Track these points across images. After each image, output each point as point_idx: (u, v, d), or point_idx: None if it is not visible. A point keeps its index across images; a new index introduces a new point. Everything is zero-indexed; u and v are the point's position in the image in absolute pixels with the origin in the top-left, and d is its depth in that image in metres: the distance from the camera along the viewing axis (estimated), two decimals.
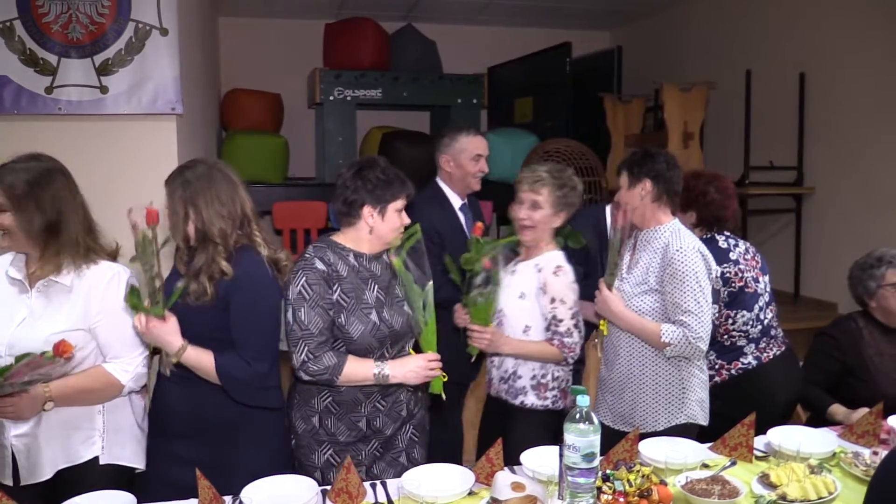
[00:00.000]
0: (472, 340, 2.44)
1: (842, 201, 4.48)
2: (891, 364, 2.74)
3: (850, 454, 2.26)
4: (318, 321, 2.15)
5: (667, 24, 6.29)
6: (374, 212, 2.21)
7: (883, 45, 4.13)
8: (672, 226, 2.50)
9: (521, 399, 2.56)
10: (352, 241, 2.26)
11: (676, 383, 2.48)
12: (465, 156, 3.09)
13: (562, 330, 2.49)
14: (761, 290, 2.83)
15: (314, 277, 2.16)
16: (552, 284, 2.48)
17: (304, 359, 2.15)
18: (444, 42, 6.46)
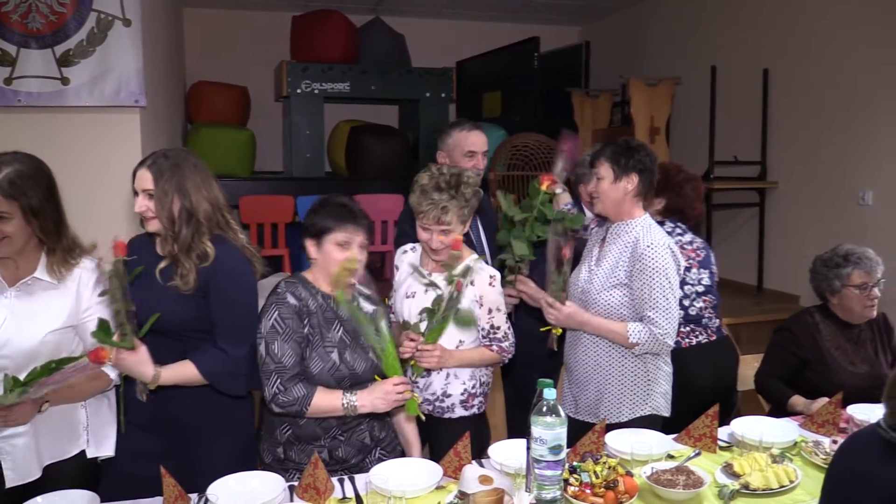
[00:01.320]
0: (420, 360, 2.33)
1: (804, 196, 4.56)
2: (848, 357, 2.79)
3: (810, 443, 2.31)
4: (290, 354, 2.16)
5: (634, 19, 6.34)
6: (313, 243, 2.22)
7: (844, 42, 4.21)
8: (643, 221, 2.51)
9: (449, 415, 2.50)
10: (314, 279, 2.27)
11: (642, 375, 2.51)
12: (457, 152, 2.93)
13: (499, 336, 2.46)
14: (691, 280, 2.88)
15: (287, 312, 2.17)
16: (488, 296, 2.42)
17: (275, 391, 2.15)
18: (413, 36, 6.44)
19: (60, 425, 2.14)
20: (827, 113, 4.37)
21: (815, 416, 2.51)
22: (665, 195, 2.95)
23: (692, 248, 2.95)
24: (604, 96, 5.49)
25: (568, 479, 1.98)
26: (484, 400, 2.56)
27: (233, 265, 2.13)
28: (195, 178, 2.10)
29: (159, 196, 2.07)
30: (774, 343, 2.92)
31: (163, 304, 2.08)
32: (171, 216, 2.08)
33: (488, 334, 2.45)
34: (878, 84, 4.00)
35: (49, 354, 2.04)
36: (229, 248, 2.14)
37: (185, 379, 2.09)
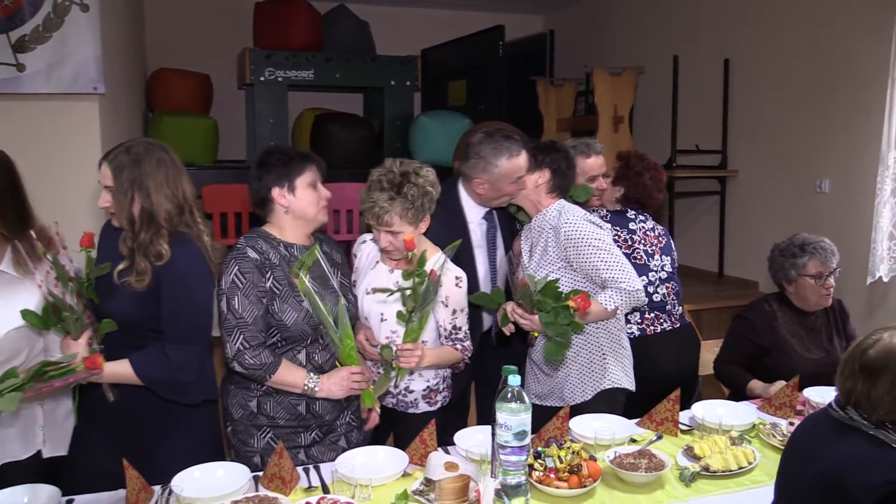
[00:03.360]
0: (401, 362, 2.26)
1: (763, 184, 4.64)
2: (803, 344, 2.85)
3: (768, 425, 2.37)
4: (252, 310, 2.13)
5: (597, 9, 6.37)
6: (284, 191, 2.20)
7: (802, 34, 4.28)
8: (557, 205, 2.57)
9: (413, 410, 2.50)
10: (278, 231, 2.24)
11: (596, 350, 2.56)
12: (505, 181, 2.57)
13: (461, 336, 2.45)
14: (655, 267, 2.91)
15: (247, 266, 2.14)
16: (454, 296, 2.40)
17: (239, 348, 2.12)
18: (378, 23, 6.40)
19: (15, 425, 2.08)
20: (785, 104, 4.45)
21: (772, 399, 2.57)
22: (623, 184, 3.00)
23: (654, 234, 2.98)
24: (568, 85, 5.51)
25: (533, 464, 2.01)
26: (448, 394, 2.56)
27: (187, 267, 2.06)
28: (158, 175, 2.03)
29: (117, 195, 2.02)
30: (733, 330, 2.98)
31: (117, 299, 2.03)
32: (130, 217, 2.02)
33: (450, 334, 2.43)
34: (835, 76, 4.08)
35: (11, 351, 1.99)
36: (188, 248, 2.07)
37: (122, 378, 2.03)
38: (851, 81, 3.96)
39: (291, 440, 2.21)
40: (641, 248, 2.91)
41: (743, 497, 1.97)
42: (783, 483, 1.79)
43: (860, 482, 1.57)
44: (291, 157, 2.22)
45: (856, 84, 3.93)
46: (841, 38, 4.02)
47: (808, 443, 1.78)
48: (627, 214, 2.96)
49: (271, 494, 1.91)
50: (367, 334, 2.41)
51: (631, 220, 2.95)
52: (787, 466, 1.80)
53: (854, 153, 3.94)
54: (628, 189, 2.99)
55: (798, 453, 1.78)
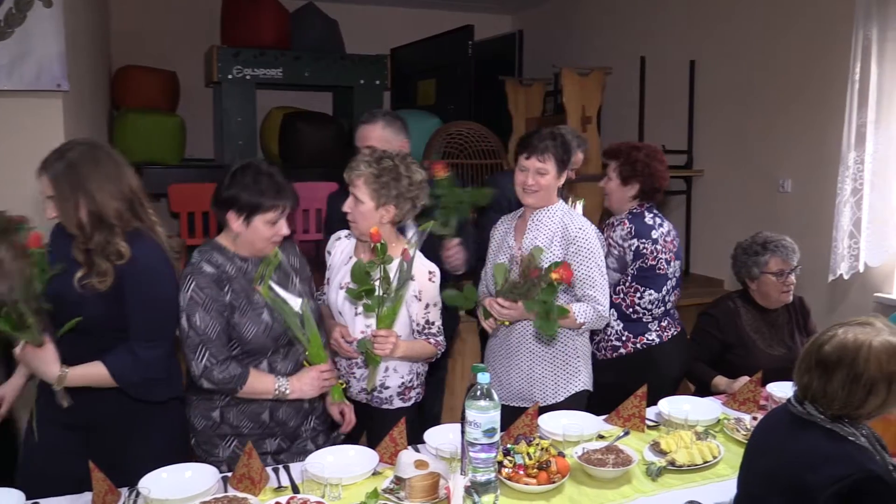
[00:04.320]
0: (376, 348, 2.26)
1: (728, 184, 4.71)
2: (766, 341, 2.91)
3: (732, 420, 2.42)
4: (214, 324, 2.11)
5: (565, 10, 6.42)
6: (239, 219, 2.12)
7: (766, 37, 4.36)
8: (561, 206, 2.60)
9: (386, 406, 2.48)
10: (230, 244, 2.20)
11: (572, 353, 2.59)
12: None
13: (434, 331, 2.43)
14: (671, 274, 2.87)
15: (204, 281, 2.11)
16: (427, 291, 2.37)
17: (206, 364, 2.10)
18: (346, 22, 6.37)
19: None
20: (749, 105, 4.52)
21: (736, 394, 2.63)
22: (637, 180, 2.85)
23: (670, 238, 2.90)
24: (537, 85, 5.55)
25: (502, 461, 2.02)
26: (422, 391, 2.56)
27: (149, 264, 2.03)
28: (97, 175, 1.97)
29: (60, 203, 1.97)
30: (698, 327, 3.03)
31: (78, 301, 1.98)
32: (79, 223, 1.97)
33: (423, 329, 2.42)
34: (797, 79, 4.15)
35: None
36: (147, 244, 2.05)
37: (94, 380, 2.00)
38: (813, 84, 4.04)
39: (257, 447, 2.18)
40: (663, 258, 2.83)
41: (708, 490, 2.01)
42: (745, 477, 1.83)
43: (817, 477, 1.61)
44: (264, 188, 2.12)
45: (817, 86, 4.01)
46: (803, 42, 4.10)
47: (768, 438, 1.82)
48: (646, 220, 2.86)
49: (240, 495, 1.91)
50: (343, 331, 2.40)
51: (652, 227, 2.85)
52: (749, 461, 1.84)
53: (815, 154, 4.02)
54: (643, 183, 2.85)
55: (759, 448, 1.83)
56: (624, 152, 2.89)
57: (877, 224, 3.58)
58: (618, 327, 2.84)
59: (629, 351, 2.83)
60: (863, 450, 1.63)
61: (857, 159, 3.60)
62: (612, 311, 2.77)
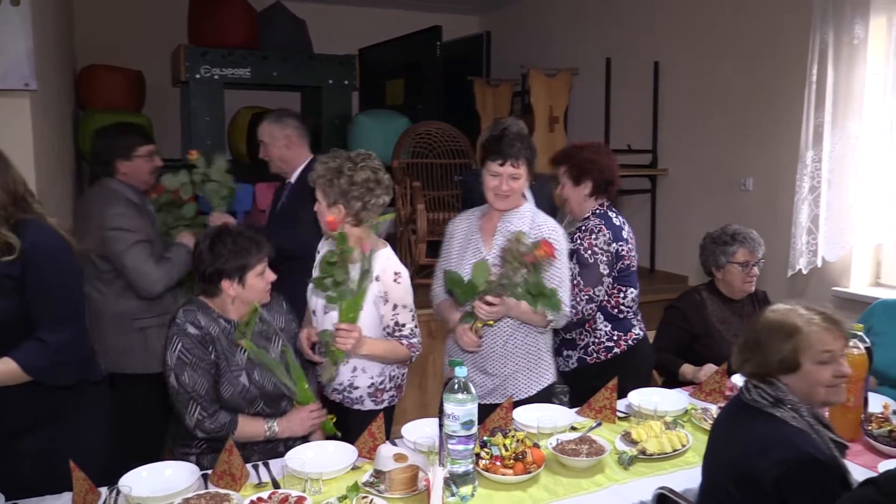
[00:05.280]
0: (337, 342, 2.27)
1: (691, 182, 4.82)
2: (731, 331, 3.00)
3: (699, 410, 2.50)
4: (202, 382, 2.22)
5: (532, 11, 6.50)
6: (234, 283, 2.26)
7: (728, 38, 4.47)
8: (530, 207, 2.64)
9: (358, 407, 2.50)
10: (219, 307, 2.31)
11: (544, 348, 2.66)
12: None
13: (406, 333, 2.41)
14: (635, 267, 2.95)
15: (189, 342, 2.22)
16: (394, 292, 2.39)
17: (198, 418, 2.21)
18: (314, 22, 6.36)
19: None
20: (712, 105, 4.63)
21: (703, 385, 2.71)
22: (589, 178, 2.85)
23: (632, 235, 2.94)
24: (504, 86, 5.61)
25: (479, 453, 2.07)
26: (396, 394, 2.56)
27: (48, 249, 2.01)
28: None
29: None
30: (665, 319, 3.12)
31: None
32: None
33: (394, 331, 2.41)
34: (757, 80, 4.27)
35: None
36: (41, 230, 2.02)
37: (3, 379, 1.96)
38: (772, 85, 4.16)
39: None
40: (633, 255, 2.89)
41: (677, 477, 2.08)
42: (708, 466, 1.91)
43: (761, 463, 1.69)
44: (245, 248, 2.27)
45: (776, 88, 4.13)
46: (762, 44, 4.22)
47: (724, 427, 1.91)
48: (614, 221, 2.87)
49: (222, 491, 1.93)
50: (308, 332, 2.44)
51: (621, 227, 2.87)
52: (709, 450, 1.92)
53: (775, 153, 4.14)
54: (595, 179, 2.85)
55: (717, 437, 1.92)
56: (569, 155, 2.91)
57: (834, 220, 3.70)
58: (607, 328, 2.86)
59: (623, 349, 2.86)
60: (801, 432, 1.72)
61: (814, 158, 3.72)
62: (599, 313, 2.84)
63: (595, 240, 2.78)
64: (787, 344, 1.75)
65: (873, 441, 2.24)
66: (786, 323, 1.77)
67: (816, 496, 1.62)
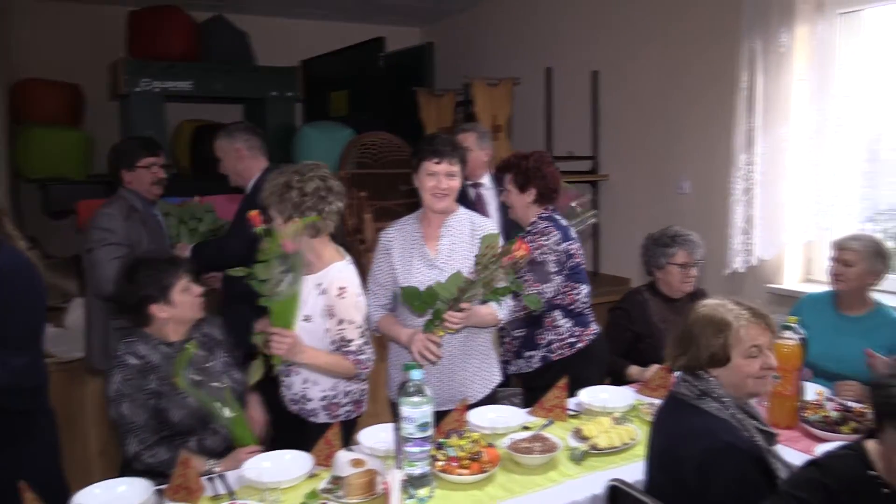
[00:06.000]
0: (272, 346, 2.23)
1: (631, 187, 4.95)
2: (673, 329, 3.10)
3: (646, 405, 2.59)
4: (140, 413, 2.23)
5: (474, 22, 6.58)
6: (161, 305, 2.31)
7: (663, 47, 4.62)
8: (465, 210, 2.69)
9: (314, 419, 2.50)
10: (157, 333, 2.34)
11: (492, 350, 2.74)
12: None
13: (353, 349, 2.37)
14: (584, 265, 3.04)
15: (129, 373, 2.25)
16: (338, 307, 2.35)
17: (136, 450, 2.22)
18: (257, 34, 6.33)
19: None
20: (649, 112, 4.77)
21: (649, 381, 2.80)
22: (533, 185, 2.93)
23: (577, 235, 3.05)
24: (448, 96, 5.66)
25: (435, 454, 2.11)
26: (354, 409, 2.55)
27: (13, 271, 2.04)
28: None
29: None
30: (611, 321, 3.20)
31: None
32: None
33: (339, 346, 2.38)
34: (691, 87, 4.42)
35: None
36: (8, 252, 2.04)
37: None
38: (706, 92, 4.31)
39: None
40: (581, 253, 2.98)
41: (628, 469, 2.14)
42: (649, 458, 2.00)
43: (684, 452, 1.78)
44: (161, 269, 2.31)
45: (710, 94, 4.28)
46: (696, 53, 4.37)
47: (659, 421, 2.01)
48: (562, 222, 2.97)
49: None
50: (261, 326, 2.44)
51: (567, 227, 2.98)
52: (649, 442, 2.01)
53: (710, 157, 4.29)
54: (539, 187, 2.94)
55: (654, 430, 2.01)
56: (514, 163, 2.98)
57: (767, 220, 3.85)
58: (568, 325, 2.95)
59: (585, 343, 2.96)
60: (723, 422, 1.82)
61: (747, 161, 3.87)
62: (558, 311, 2.92)
63: (546, 240, 2.88)
64: (717, 339, 1.85)
65: (809, 427, 2.36)
66: (716, 318, 1.87)
67: (735, 481, 1.71)
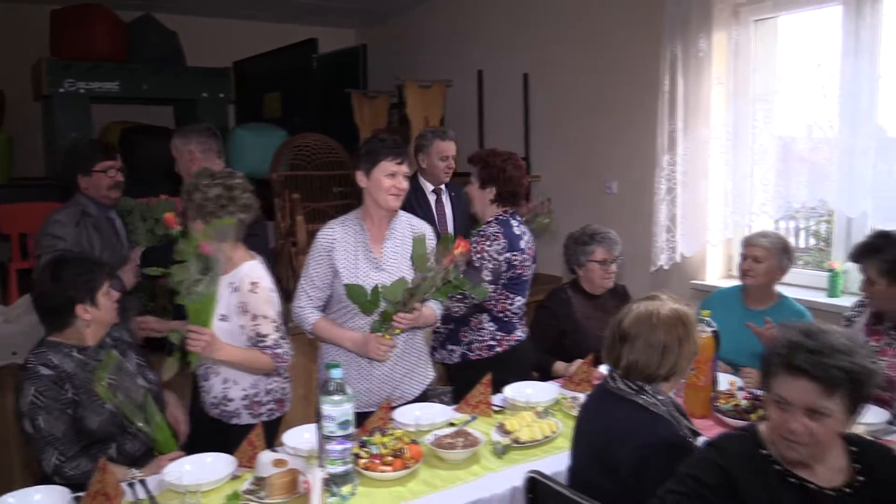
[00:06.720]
0: (189, 343, 2.22)
1: (562, 187, 5.03)
2: (596, 325, 3.18)
3: (569, 399, 2.65)
4: (59, 424, 2.17)
5: (408, 24, 6.61)
6: (87, 306, 2.27)
7: (591, 51, 4.72)
8: (403, 212, 2.70)
9: (236, 420, 2.49)
10: (73, 338, 2.29)
11: (426, 348, 2.78)
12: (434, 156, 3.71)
13: (269, 343, 2.38)
14: (530, 277, 3.07)
15: (43, 384, 2.18)
16: (250, 303, 2.37)
17: (56, 463, 2.15)
18: (187, 34, 6.23)
19: None
20: (577, 114, 4.87)
21: (572, 376, 2.87)
22: (494, 184, 2.95)
23: (531, 246, 3.07)
24: (381, 97, 5.68)
25: (359, 452, 2.12)
26: (276, 407, 2.55)
27: None
28: None
29: None
30: (537, 319, 3.27)
31: None
32: None
33: (256, 342, 2.38)
34: (617, 90, 4.53)
35: None
36: None
37: None
38: (631, 95, 4.43)
39: None
40: (527, 265, 3.01)
41: (548, 462, 2.20)
42: (575, 451, 2.05)
43: (621, 448, 1.84)
44: (88, 268, 2.30)
45: (634, 97, 4.40)
46: (621, 57, 4.49)
47: (588, 413, 2.06)
48: (514, 229, 2.98)
49: None
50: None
51: (519, 237, 2.98)
52: (576, 436, 2.06)
53: (635, 158, 4.40)
54: (499, 187, 2.96)
55: (583, 423, 2.06)
56: (483, 158, 3.01)
57: (689, 219, 3.98)
58: (491, 329, 2.99)
59: (505, 349, 2.99)
60: (659, 418, 1.89)
61: (670, 161, 4.00)
62: (486, 314, 2.97)
63: (489, 246, 2.89)
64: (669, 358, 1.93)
65: (722, 416, 2.45)
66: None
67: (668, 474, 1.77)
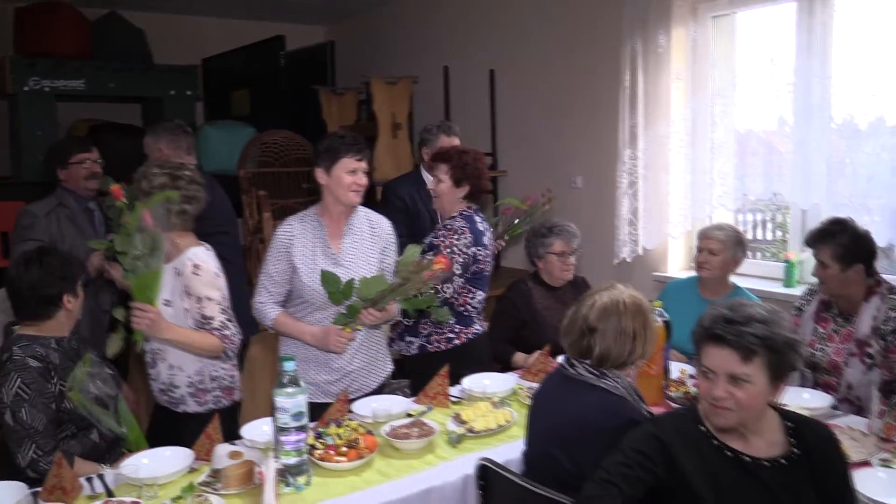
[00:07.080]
0: (133, 320, 2.21)
1: (528, 182, 5.05)
2: (555, 316, 3.22)
3: (526, 389, 2.70)
4: (41, 418, 2.19)
5: (374, 21, 6.62)
6: (71, 297, 2.34)
7: (556, 46, 4.77)
8: (362, 206, 2.73)
9: (183, 408, 2.50)
10: (53, 330, 2.34)
11: (384, 342, 2.83)
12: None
13: (216, 325, 2.38)
14: (488, 272, 3.10)
15: (30, 377, 2.20)
16: (193, 286, 2.38)
17: (32, 457, 2.17)
18: (154, 32, 6.20)
19: None
20: (542, 110, 4.92)
21: (530, 367, 2.92)
22: (468, 182, 2.95)
23: (492, 241, 3.11)
24: (349, 94, 5.69)
25: (314, 444, 2.16)
26: (223, 395, 2.55)
27: None
28: None
29: None
30: (498, 310, 3.32)
31: None
32: None
33: (202, 324, 2.39)
34: (581, 86, 4.59)
35: None
36: None
37: None
38: (593, 91, 4.49)
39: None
40: (488, 261, 3.03)
41: (501, 450, 2.25)
42: (530, 437, 2.10)
43: (593, 426, 1.90)
44: (68, 261, 2.38)
45: (596, 93, 4.45)
46: (583, 53, 4.54)
47: (547, 399, 2.11)
48: (478, 225, 2.99)
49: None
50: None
51: (483, 233, 2.99)
52: (531, 421, 2.11)
53: (599, 153, 4.46)
54: (473, 185, 2.96)
55: (539, 409, 2.11)
56: (454, 156, 3.00)
57: (651, 212, 4.05)
58: (451, 321, 2.98)
59: (462, 342, 3.01)
60: (623, 400, 1.95)
61: (631, 156, 4.07)
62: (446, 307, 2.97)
63: (457, 240, 2.91)
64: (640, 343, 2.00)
65: (672, 403, 2.52)
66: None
67: None
